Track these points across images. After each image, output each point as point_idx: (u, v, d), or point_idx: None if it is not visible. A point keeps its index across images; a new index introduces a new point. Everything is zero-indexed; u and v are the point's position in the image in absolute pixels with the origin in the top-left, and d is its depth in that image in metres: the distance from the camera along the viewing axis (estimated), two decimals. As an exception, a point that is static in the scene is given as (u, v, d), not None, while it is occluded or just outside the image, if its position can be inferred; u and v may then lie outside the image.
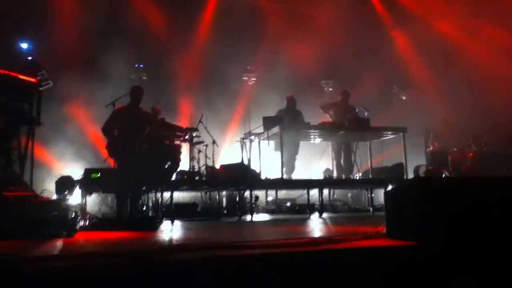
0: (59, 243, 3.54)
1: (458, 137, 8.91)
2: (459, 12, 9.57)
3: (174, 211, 6.34)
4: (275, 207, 8.27)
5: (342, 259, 2.88)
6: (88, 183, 5.93)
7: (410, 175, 8.14)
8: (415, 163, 9.27)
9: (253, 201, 7.28)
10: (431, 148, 9.36)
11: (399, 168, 7.65)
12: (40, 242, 3.52)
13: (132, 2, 10.18)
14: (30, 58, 6.56)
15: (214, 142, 8.24)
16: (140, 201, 6.40)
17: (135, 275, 2.44)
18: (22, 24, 8.95)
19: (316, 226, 5.05)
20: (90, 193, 6.30)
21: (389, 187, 6.91)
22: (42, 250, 3.12)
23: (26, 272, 2.30)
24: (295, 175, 8.75)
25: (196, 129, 7.65)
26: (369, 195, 8.12)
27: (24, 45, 9.04)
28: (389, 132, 8.20)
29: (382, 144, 9.17)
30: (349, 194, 9.56)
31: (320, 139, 8.80)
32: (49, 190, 5.91)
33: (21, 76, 5.23)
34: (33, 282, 2.28)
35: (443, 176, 8.20)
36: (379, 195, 8.32)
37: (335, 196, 9.03)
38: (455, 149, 8.81)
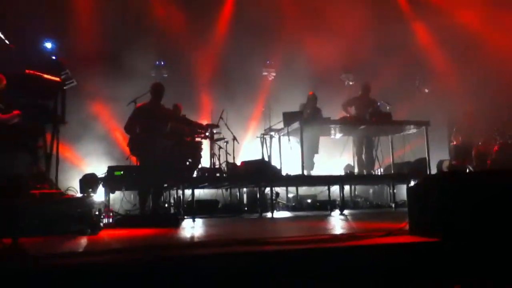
0: (83, 240, 3.62)
1: (482, 130, 8.72)
2: (480, 1, 9.34)
3: (196, 208, 6.39)
4: (296, 204, 8.25)
5: (364, 256, 2.86)
6: (112, 181, 6.03)
7: (434, 170, 8.01)
8: (438, 157, 9.12)
9: (273, 198, 7.28)
10: (454, 142, 9.18)
11: (422, 163, 7.54)
12: (65, 239, 3.60)
13: (152, 0, 10.27)
14: (54, 57, 6.69)
15: (234, 138, 8.27)
16: (162, 198, 6.48)
17: (158, 271, 2.48)
18: (46, 24, 9.13)
19: (337, 222, 5.03)
20: (114, 191, 6.40)
21: (412, 183, 6.82)
22: (67, 247, 3.19)
23: (51, 268, 2.35)
24: (316, 171, 8.71)
25: (216, 126, 7.69)
26: (391, 191, 8.03)
27: (48, 45, 9.23)
28: (412, 126, 8.08)
29: (405, 139, 9.05)
30: (371, 190, 9.47)
31: (341, 134, 8.74)
32: (74, 188, 6.03)
33: (45, 76, 5.34)
34: (58, 278, 2.33)
35: (467, 170, 8.04)
36: (401, 191, 8.22)
37: (356, 192, 8.96)
38: (480, 143, 8.62)
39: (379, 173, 8.38)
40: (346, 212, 6.78)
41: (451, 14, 10.24)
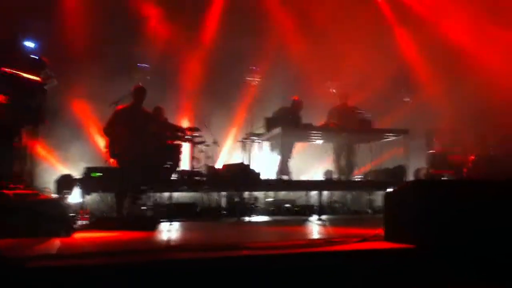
0: (57, 242, 3.55)
1: (461, 140, 8.89)
2: (465, 12, 9.56)
3: (173, 211, 6.34)
4: (274, 209, 8.26)
5: (340, 261, 2.88)
6: (88, 182, 5.94)
7: (411, 178, 8.12)
8: (416, 165, 9.25)
9: (252, 202, 7.28)
10: (432, 151, 9.33)
11: (400, 171, 7.64)
12: (39, 241, 3.54)
13: (137, 1, 10.20)
14: (34, 56, 6.58)
15: (215, 142, 8.24)
16: (140, 201, 6.40)
17: (132, 275, 2.45)
18: (27, 23, 8.97)
19: (314, 228, 5.06)
20: (90, 192, 6.31)
21: (388, 190, 6.89)
22: (40, 249, 3.14)
23: (24, 270, 2.31)
24: (295, 177, 8.74)
25: (197, 129, 7.66)
26: (368, 197, 8.11)
27: (29, 44, 9.07)
28: (391, 134, 8.19)
29: (384, 146, 9.16)
30: (349, 196, 9.54)
31: (322, 141, 8.79)
32: (50, 188, 5.93)
33: (25, 75, 5.25)
34: (30, 280, 2.30)
35: (443, 179, 8.18)
36: (379, 197, 8.31)
37: (334, 198, 9.02)
38: (457, 152, 8.79)
39: (357, 180, 8.46)
40: (324, 217, 6.82)
41: (435, 25, 10.44)
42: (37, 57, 5.93)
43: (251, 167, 7.63)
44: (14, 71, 5.16)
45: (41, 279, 2.32)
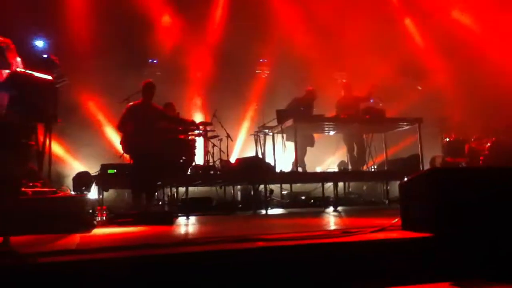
0: (76, 238, 3.60)
1: (476, 127, 8.78)
2: (475, 2, 9.42)
3: (189, 206, 6.38)
4: (290, 201, 8.26)
5: (357, 251, 2.87)
6: (105, 179, 6.00)
7: (426, 167, 8.05)
8: (431, 154, 9.16)
9: (267, 195, 7.29)
10: (447, 139, 9.23)
11: (415, 160, 7.57)
12: (58, 237, 3.59)
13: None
14: (45, 55, 6.63)
15: (228, 136, 8.26)
16: (156, 196, 6.46)
17: (151, 269, 2.47)
18: (37, 22, 9.06)
19: (330, 219, 5.04)
20: (107, 189, 6.38)
21: (405, 179, 6.84)
22: (59, 245, 3.18)
23: (44, 266, 2.34)
24: (310, 168, 8.72)
25: (210, 124, 7.68)
26: (384, 188, 8.06)
27: (39, 43, 9.17)
28: (405, 123, 8.11)
29: (398, 136, 9.08)
30: (364, 187, 9.50)
31: (334, 132, 8.75)
32: (68, 186, 6.01)
33: (37, 74, 5.30)
34: (50, 276, 2.33)
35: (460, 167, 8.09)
36: (395, 187, 8.25)
37: (350, 189, 8.98)
38: (472, 139, 8.68)
39: (372, 170, 8.41)
40: (339, 208, 6.80)
41: (444, 11, 10.30)
42: (47, 56, 5.97)
43: (265, 159, 7.64)
44: (26, 71, 5.21)
45: (61, 275, 2.35)
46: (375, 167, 8.49)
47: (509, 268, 2.81)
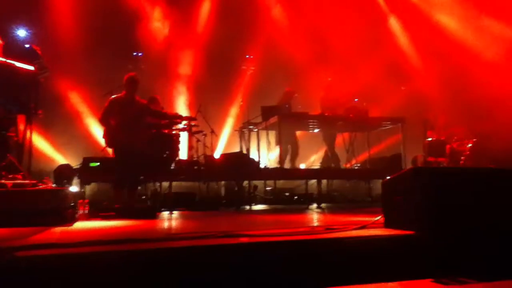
0: (57, 231, 3.55)
1: (457, 128, 8.91)
2: (458, 2, 9.55)
3: (173, 201, 6.34)
4: (273, 197, 8.28)
5: (340, 248, 2.89)
6: (87, 172, 5.92)
7: (408, 166, 8.16)
8: (414, 154, 9.28)
9: (251, 191, 7.29)
10: (429, 139, 9.35)
11: (397, 159, 7.67)
12: (38, 230, 3.53)
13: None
14: (27, 45, 6.50)
15: (212, 131, 8.23)
16: (139, 191, 6.40)
17: (133, 263, 2.45)
18: (19, 11, 8.87)
19: (314, 215, 5.07)
20: (89, 182, 6.30)
21: (387, 178, 6.90)
22: (39, 238, 3.13)
23: (22, 260, 2.30)
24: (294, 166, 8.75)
25: (194, 118, 7.64)
26: (367, 186, 8.14)
27: (21, 32, 8.98)
28: (388, 123, 8.20)
29: (381, 135, 9.17)
30: (347, 184, 9.58)
31: (318, 129, 8.80)
32: (49, 178, 5.91)
33: (18, 64, 5.19)
34: (30, 269, 2.29)
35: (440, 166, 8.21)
36: (377, 185, 8.34)
37: (333, 187, 9.05)
38: (454, 140, 8.81)
39: (356, 168, 8.48)
40: (323, 205, 6.85)
41: (429, 14, 10.42)
42: (29, 46, 5.85)
43: (249, 155, 7.64)
44: (7, 61, 5.10)
45: (42, 268, 2.31)
46: (358, 165, 8.56)
47: (490, 265, 2.87)
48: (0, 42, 5.05)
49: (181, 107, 10.14)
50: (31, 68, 5.30)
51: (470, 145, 8.45)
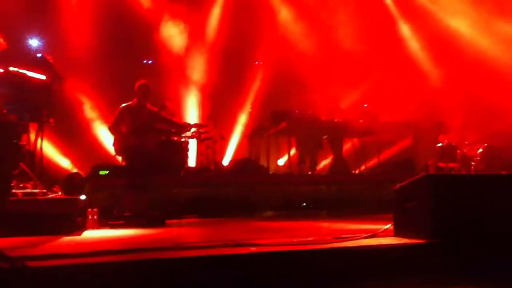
0: (66, 241, 3.56)
1: (471, 132, 8.83)
2: (470, 7, 9.48)
3: (182, 208, 6.34)
4: (283, 204, 8.23)
5: (349, 257, 2.86)
6: (96, 180, 5.95)
7: (420, 172, 8.07)
8: (426, 159, 9.19)
9: (261, 198, 7.26)
10: (441, 144, 9.26)
11: (409, 164, 7.60)
12: (48, 239, 3.55)
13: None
14: (39, 55, 6.56)
15: (222, 138, 8.23)
16: (148, 198, 6.40)
17: (141, 274, 2.45)
18: (32, 21, 8.99)
19: (323, 223, 5.04)
20: (99, 190, 6.33)
21: (398, 184, 6.84)
22: (49, 248, 3.14)
23: (33, 270, 2.31)
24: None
25: (204, 125, 7.66)
26: (377, 192, 8.05)
27: (34, 42, 9.09)
28: (400, 127, 8.13)
29: (392, 140, 9.09)
30: (359, 191, 9.49)
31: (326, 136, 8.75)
32: (59, 187, 5.95)
33: (30, 73, 5.25)
34: (40, 279, 2.30)
35: (452, 172, 8.12)
36: (388, 192, 8.25)
37: (343, 193, 8.97)
38: (465, 144, 8.73)
39: (366, 174, 8.42)
40: (333, 212, 6.80)
41: (441, 17, 10.37)
42: (40, 55, 5.92)
43: (259, 162, 7.63)
44: (20, 70, 5.16)
45: (52, 278, 2.32)
46: (368, 171, 8.50)
47: (504, 274, 2.82)
48: (3, 43, 5.11)
49: (191, 114, 10.17)
50: (43, 77, 5.36)
51: (481, 150, 8.36)
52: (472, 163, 8.34)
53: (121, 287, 2.41)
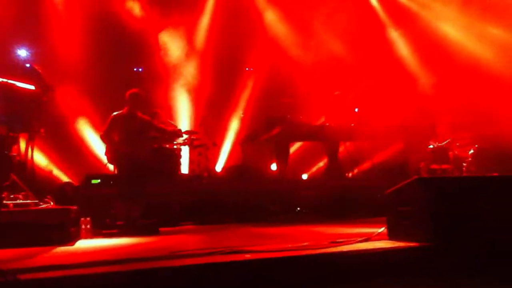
0: (59, 251, 3.53)
1: (460, 134, 8.89)
2: (458, 11, 9.59)
3: (175, 215, 6.31)
4: (278, 209, 8.22)
5: (344, 261, 2.87)
6: (89, 189, 5.91)
7: (413, 175, 8.10)
8: (418, 161, 9.22)
9: (255, 204, 7.25)
10: (432, 146, 9.31)
11: (401, 168, 7.63)
12: (41, 251, 3.51)
13: (131, 5, 10.17)
14: (28, 65, 6.51)
15: (214, 144, 8.21)
16: (140, 206, 6.36)
17: (135, 284, 2.43)
18: (20, 31, 8.94)
19: (318, 228, 5.04)
20: (91, 199, 6.27)
21: (391, 188, 6.87)
22: (42, 259, 3.11)
23: (25, 283, 2.29)
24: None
25: (196, 132, 7.64)
26: (370, 196, 8.07)
27: (22, 52, 9.03)
28: (393, 130, 8.15)
29: (384, 143, 9.10)
30: (350, 195, 9.50)
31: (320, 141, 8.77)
32: (51, 197, 5.89)
33: (19, 84, 5.22)
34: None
35: (444, 174, 8.17)
36: (381, 195, 8.27)
37: (336, 197, 8.97)
38: (457, 146, 8.78)
39: (359, 178, 8.44)
40: (327, 217, 6.80)
41: (431, 22, 10.47)
42: (29, 65, 5.89)
43: (252, 168, 7.61)
44: (8, 81, 5.12)
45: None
46: (361, 175, 8.52)
47: (498, 275, 2.83)
48: None
49: (183, 121, 10.14)
50: (32, 87, 5.33)
51: (472, 151, 8.42)
52: (464, 164, 8.39)
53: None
